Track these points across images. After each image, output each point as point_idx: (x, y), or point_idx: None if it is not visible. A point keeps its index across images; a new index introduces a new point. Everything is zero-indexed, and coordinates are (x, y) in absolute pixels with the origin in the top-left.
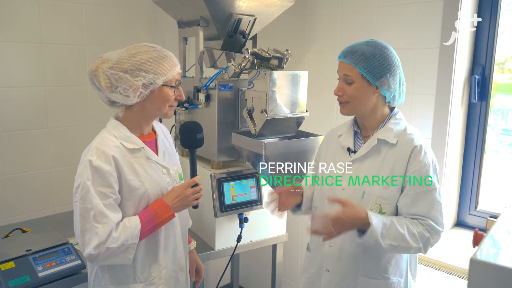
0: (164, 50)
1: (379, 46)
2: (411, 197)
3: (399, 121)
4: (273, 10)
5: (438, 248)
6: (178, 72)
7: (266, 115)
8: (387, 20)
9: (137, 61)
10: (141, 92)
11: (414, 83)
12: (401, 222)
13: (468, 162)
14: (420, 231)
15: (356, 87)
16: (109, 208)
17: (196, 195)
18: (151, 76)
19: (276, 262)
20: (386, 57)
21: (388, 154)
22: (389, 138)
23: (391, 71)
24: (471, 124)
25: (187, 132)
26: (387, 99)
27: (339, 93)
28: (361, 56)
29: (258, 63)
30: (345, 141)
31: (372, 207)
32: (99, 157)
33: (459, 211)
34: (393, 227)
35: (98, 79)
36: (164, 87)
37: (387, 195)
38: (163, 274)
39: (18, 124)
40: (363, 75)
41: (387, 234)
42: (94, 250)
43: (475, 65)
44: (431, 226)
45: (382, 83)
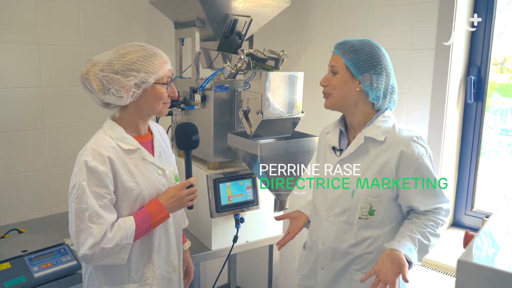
0: (154, 48)
1: (371, 44)
2: (419, 195)
3: (387, 119)
4: (269, 11)
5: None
6: (169, 69)
7: (262, 116)
8: (383, 20)
9: (127, 61)
10: (134, 91)
11: (409, 84)
12: (424, 235)
13: (464, 162)
14: (437, 225)
15: (338, 78)
16: (104, 209)
17: (191, 196)
18: (143, 75)
19: (272, 262)
20: (374, 55)
21: (376, 152)
22: (376, 136)
23: (376, 69)
24: (467, 125)
25: (183, 133)
26: (370, 98)
27: (324, 84)
28: (350, 48)
29: (253, 64)
30: (331, 139)
31: (362, 206)
32: (95, 158)
33: (455, 212)
34: (422, 246)
35: (90, 82)
36: (156, 85)
37: (377, 193)
38: (156, 275)
39: (15, 124)
40: (348, 67)
41: (420, 255)
42: (88, 250)
43: (471, 66)
44: (444, 210)
45: (365, 78)
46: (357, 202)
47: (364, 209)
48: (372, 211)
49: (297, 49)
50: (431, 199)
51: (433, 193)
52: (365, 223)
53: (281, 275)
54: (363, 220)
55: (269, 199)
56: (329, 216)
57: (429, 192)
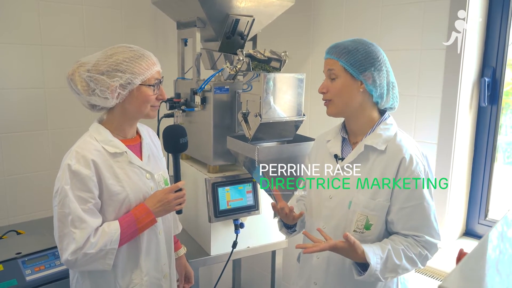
0: (142, 49)
1: (364, 42)
2: (404, 212)
3: (389, 127)
4: (272, 10)
5: (444, 258)
6: (156, 71)
7: (260, 119)
8: (392, 20)
9: (113, 62)
10: (119, 93)
11: (419, 86)
12: (397, 250)
13: (478, 168)
14: (417, 252)
15: (339, 82)
16: (88, 213)
17: (179, 200)
18: (128, 76)
19: (275, 268)
20: (370, 52)
21: (376, 161)
22: (377, 145)
23: (375, 66)
24: (481, 129)
25: (170, 136)
26: (374, 98)
27: (323, 90)
28: (343, 50)
29: (254, 65)
30: (332, 147)
31: (358, 218)
32: (78, 161)
33: (467, 220)
34: (390, 260)
35: (75, 83)
36: (142, 86)
37: (374, 206)
38: (144, 281)
39: (18, 125)
40: (346, 69)
41: (384, 268)
42: (71, 255)
43: (485, 67)
44: (427, 242)
45: (366, 77)
46: (353, 213)
47: (360, 222)
48: (369, 226)
49: (304, 49)
50: (416, 222)
51: (421, 218)
52: (360, 237)
53: (285, 279)
54: (358, 234)
55: (270, 204)
56: (324, 228)
57: (418, 215)
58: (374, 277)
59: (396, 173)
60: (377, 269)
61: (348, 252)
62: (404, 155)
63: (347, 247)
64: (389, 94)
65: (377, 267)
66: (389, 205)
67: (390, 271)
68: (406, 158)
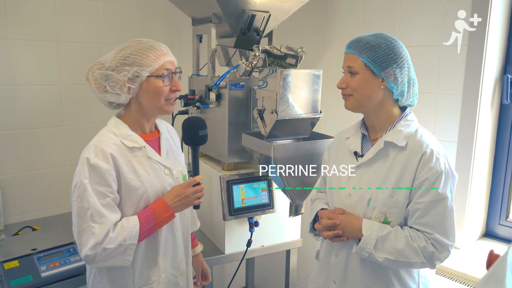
0: (152, 41)
1: (386, 37)
2: (420, 207)
3: (410, 123)
4: (288, 5)
5: (463, 260)
6: (167, 61)
7: (276, 116)
8: (410, 15)
9: (121, 56)
10: (130, 87)
11: (439, 83)
12: (400, 235)
13: (499, 167)
14: (423, 245)
15: (360, 78)
16: (107, 208)
17: (197, 194)
18: (135, 68)
19: (289, 267)
20: (392, 48)
21: (396, 158)
22: (397, 141)
23: (397, 62)
24: (503, 127)
25: (189, 128)
26: (395, 95)
27: (343, 86)
28: (365, 45)
29: (270, 61)
30: (352, 144)
31: (376, 215)
32: (97, 155)
33: (488, 221)
34: (390, 240)
35: (90, 82)
36: (151, 78)
37: (393, 204)
38: (162, 278)
39: (33, 122)
40: (367, 65)
41: (382, 247)
42: (90, 251)
43: (508, 64)
44: (437, 240)
45: (388, 74)
46: (372, 211)
47: (378, 219)
48: (387, 223)
49: (320, 45)
50: (430, 219)
51: (436, 215)
52: None
53: (299, 279)
54: None
55: (286, 203)
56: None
57: (433, 212)
58: (368, 252)
59: (416, 169)
60: (371, 243)
61: (349, 226)
62: (425, 150)
63: (345, 218)
64: (409, 91)
65: (371, 241)
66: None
67: (388, 252)
68: (427, 152)
